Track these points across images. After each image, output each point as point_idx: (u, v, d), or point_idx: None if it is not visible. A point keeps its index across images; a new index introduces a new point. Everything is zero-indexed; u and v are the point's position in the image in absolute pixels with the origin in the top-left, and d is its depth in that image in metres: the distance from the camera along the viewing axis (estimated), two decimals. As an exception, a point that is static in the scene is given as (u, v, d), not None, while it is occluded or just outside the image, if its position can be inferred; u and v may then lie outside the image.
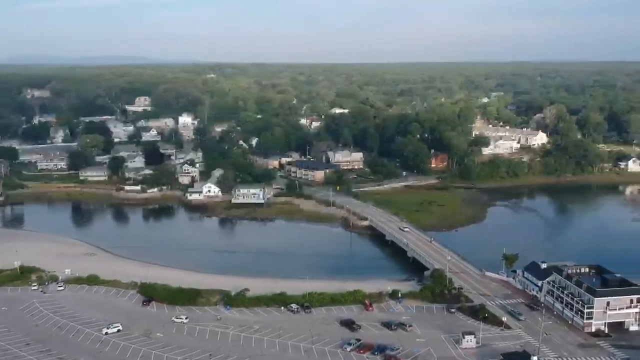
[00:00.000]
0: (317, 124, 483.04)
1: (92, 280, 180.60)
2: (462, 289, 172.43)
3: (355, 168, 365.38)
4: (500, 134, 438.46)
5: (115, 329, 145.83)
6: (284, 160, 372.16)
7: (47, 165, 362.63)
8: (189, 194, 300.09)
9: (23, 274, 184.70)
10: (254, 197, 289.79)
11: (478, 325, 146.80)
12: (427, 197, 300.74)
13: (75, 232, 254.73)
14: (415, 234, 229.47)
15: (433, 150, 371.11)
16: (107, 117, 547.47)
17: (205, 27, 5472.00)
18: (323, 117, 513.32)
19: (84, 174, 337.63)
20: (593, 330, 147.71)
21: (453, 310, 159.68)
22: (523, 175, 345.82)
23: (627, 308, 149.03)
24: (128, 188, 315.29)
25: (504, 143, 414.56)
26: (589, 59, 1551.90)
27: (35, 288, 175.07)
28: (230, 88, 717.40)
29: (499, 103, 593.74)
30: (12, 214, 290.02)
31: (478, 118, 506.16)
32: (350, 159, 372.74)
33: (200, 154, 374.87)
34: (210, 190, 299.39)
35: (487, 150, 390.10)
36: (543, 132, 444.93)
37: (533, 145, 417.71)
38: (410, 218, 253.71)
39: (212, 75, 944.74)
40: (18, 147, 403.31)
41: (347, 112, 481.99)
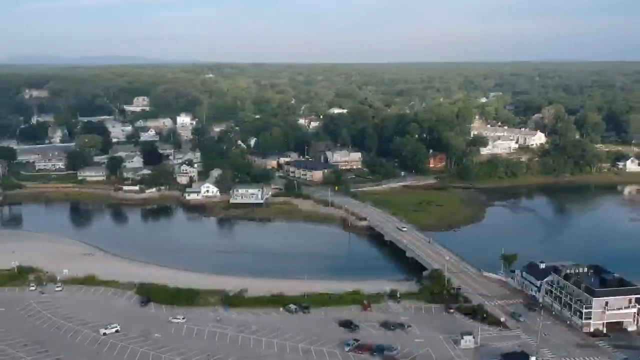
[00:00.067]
0: (315, 124, 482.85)
1: (90, 281, 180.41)
2: (460, 289, 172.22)
3: (354, 168, 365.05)
4: (499, 134, 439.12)
5: (113, 330, 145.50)
6: (283, 160, 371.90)
7: (45, 166, 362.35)
8: (187, 194, 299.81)
9: (21, 275, 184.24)
10: (253, 197, 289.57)
11: (477, 326, 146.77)
12: (425, 197, 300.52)
13: (74, 232, 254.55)
14: (414, 234, 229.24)
15: (431, 150, 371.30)
16: (105, 117, 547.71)
17: (205, 27, 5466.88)
18: (321, 117, 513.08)
19: (82, 174, 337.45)
20: (591, 330, 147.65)
21: (452, 311, 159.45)
22: (521, 175, 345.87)
23: (625, 308, 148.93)
24: (126, 188, 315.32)
25: (503, 143, 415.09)
26: (589, 59, 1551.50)
27: (33, 288, 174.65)
28: (229, 88, 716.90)
29: (498, 103, 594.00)
30: (10, 214, 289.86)
31: (476, 118, 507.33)
32: (349, 159, 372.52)
33: (199, 154, 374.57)
34: (209, 191, 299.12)
35: (485, 150, 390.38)
36: (541, 132, 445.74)
37: (531, 145, 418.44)
38: (409, 218, 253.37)
39: (210, 75, 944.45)
40: (16, 147, 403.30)
41: (345, 112, 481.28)
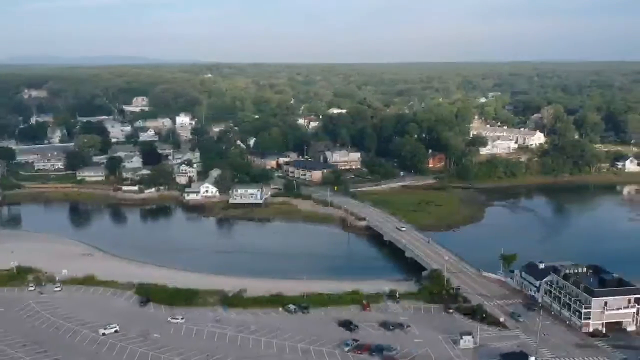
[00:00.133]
0: (314, 124, 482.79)
1: (89, 281, 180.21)
2: (459, 289, 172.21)
3: (353, 168, 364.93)
4: (498, 134, 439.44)
5: (113, 330, 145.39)
6: (282, 160, 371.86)
7: (44, 166, 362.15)
8: (187, 194, 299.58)
9: (20, 275, 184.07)
10: (252, 197, 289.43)
11: (476, 326, 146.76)
12: (424, 197, 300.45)
13: (73, 232, 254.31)
14: (413, 234, 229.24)
15: (430, 150, 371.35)
16: (104, 117, 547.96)
17: (205, 27, 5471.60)
18: (321, 117, 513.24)
19: (82, 174, 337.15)
20: (591, 331, 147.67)
21: (451, 311, 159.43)
22: (520, 175, 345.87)
23: (624, 308, 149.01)
24: (125, 188, 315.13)
25: (502, 143, 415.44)
26: (589, 59, 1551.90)
27: (32, 289, 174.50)
28: (228, 88, 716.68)
29: (497, 103, 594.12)
30: (9, 215, 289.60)
31: (475, 118, 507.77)
32: (348, 159, 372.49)
33: (198, 154, 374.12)
34: (208, 191, 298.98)
35: (484, 150, 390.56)
36: (540, 132, 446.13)
37: (530, 145, 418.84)
38: (408, 218, 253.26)
39: (209, 75, 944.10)
40: (15, 147, 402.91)
41: (344, 112, 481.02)
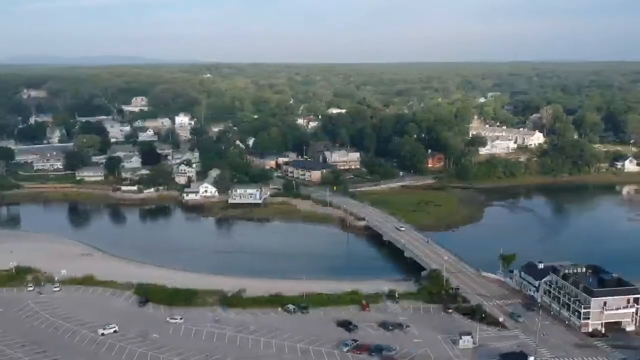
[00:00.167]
0: (314, 124, 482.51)
1: (88, 281, 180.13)
2: (459, 289, 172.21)
3: (352, 168, 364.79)
4: (497, 134, 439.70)
5: (112, 330, 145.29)
6: (281, 160, 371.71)
7: (43, 166, 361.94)
8: (186, 194, 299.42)
9: (19, 275, 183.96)
10: (251, 197, 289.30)
11: (475, 326, 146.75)
12: (424, 197, 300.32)
13: (72, 232, 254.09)
14: (412, 234, 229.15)
15: (430, 150, 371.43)
16: (103, 117, 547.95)
17: (205, 27, 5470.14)
18: (320, 117, 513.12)
19: (81, 174, 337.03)
20: (590, 331, 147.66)
21: (450, 311, 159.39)
22: (520, 175, 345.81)
23: (624, 308, 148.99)
24: (125, 188, 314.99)
25: (501, 143, 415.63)
26: (589, 59, 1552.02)
27: (31, 289, 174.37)
28: (227, 88, 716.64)
29: (496, 103, 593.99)
30: (8, 215, 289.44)
31: (475, 118, 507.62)
32: (347, 159, 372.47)
33: (197, 154, 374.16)
34: (207, 191, 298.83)
35: (484, 150, 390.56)
36: (540, 132, 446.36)
37: (530, 145, 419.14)
38: (407, 218, 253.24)
39: (208, 75, 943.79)
40: (14, 147, 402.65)
41: (344, 112, 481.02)
